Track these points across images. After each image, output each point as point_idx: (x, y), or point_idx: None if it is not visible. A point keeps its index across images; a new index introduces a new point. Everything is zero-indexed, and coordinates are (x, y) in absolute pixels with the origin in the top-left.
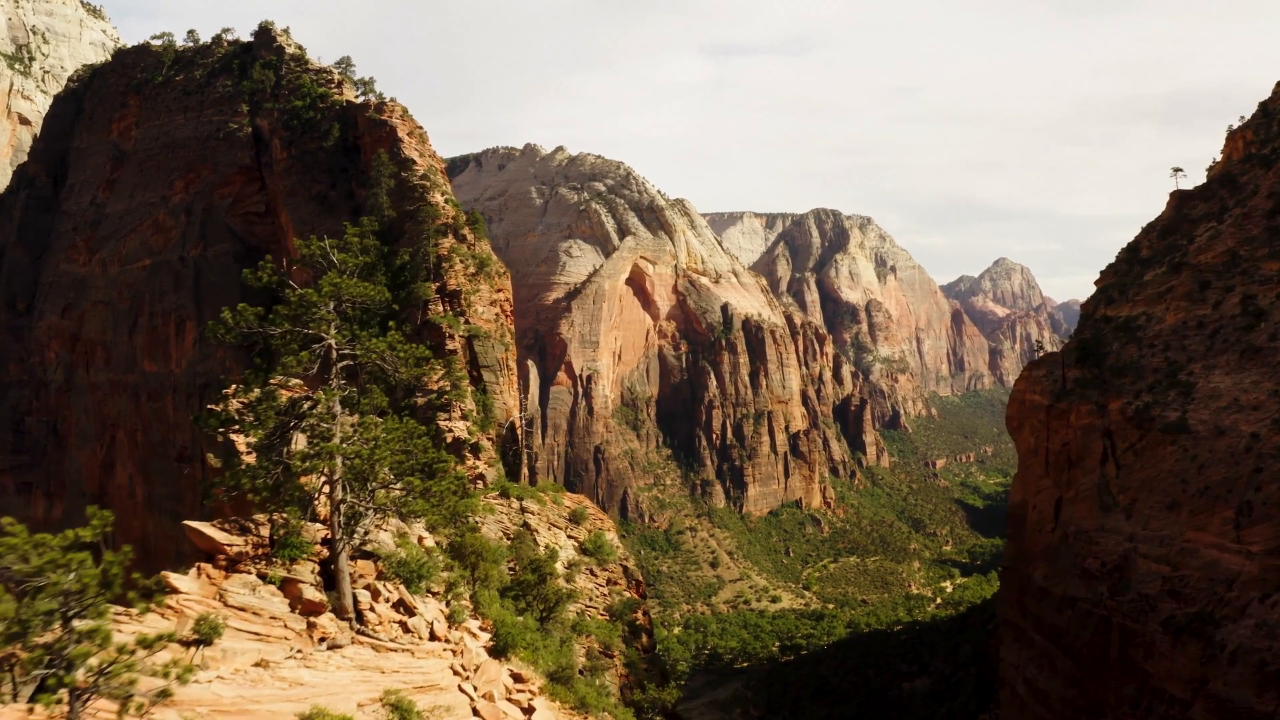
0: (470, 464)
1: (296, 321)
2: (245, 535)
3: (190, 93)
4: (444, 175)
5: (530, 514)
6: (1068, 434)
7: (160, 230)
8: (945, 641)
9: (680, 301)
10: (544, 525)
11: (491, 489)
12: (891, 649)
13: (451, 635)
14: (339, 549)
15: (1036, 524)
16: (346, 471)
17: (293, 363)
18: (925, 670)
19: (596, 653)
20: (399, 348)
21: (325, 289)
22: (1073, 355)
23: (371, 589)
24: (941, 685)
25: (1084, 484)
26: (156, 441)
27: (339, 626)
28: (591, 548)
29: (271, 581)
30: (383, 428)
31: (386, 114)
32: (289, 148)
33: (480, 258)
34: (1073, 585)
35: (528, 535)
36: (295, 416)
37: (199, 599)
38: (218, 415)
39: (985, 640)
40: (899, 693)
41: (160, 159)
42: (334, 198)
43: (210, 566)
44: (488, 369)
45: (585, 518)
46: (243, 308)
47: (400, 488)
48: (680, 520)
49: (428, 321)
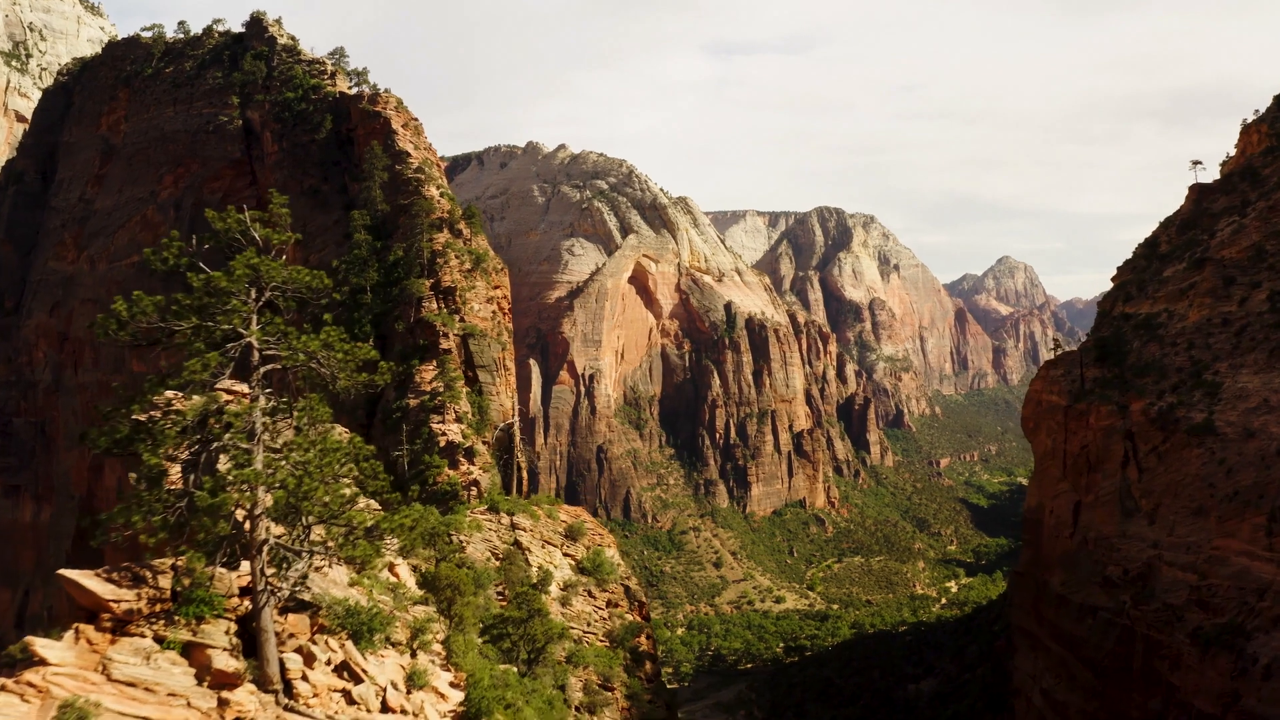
0: (464, 469)
1: (203, 314)
2: (138, 587)
3: (180, 85)
4: (439, 168)
5: (522, 531)
6: (1087, 436)
7: (149, 226)
8: (951, 643)
9: (683, 300)
10: (537, 543)
11: (482, 502)
12: (897, 650)
13: (410, 702)
14: (262, 602)
15: (1054, 529)
16: (272, 505)
17: (197, 366)
18: (931, 672)
19: (595, 686)
20: (337, 347)
21: (239, 271)
22: (1091, 354)
23: (305, 651)
24: (948, 687)
25: (1104, 488)
26: None
27: (261, 702)
28: (590, 566)
29: (171, 646)
30: (319, 449)
31: (380, 105)
32: (280, 140)
33: (476, 253)
34: (1093, 593)
35: (518, 555)
36: (205, 435)
37: (73, 672)
38: (109, 432)
39: (992, 642)
40: (905, 695)
41: (149, 153)
42: (326, 192)
43: (91, 628)
44: (483, 369)
45: (583, 533)
46: (138, 296)
47: (343, 524)
48: (683, 520)
49: (421, 319)
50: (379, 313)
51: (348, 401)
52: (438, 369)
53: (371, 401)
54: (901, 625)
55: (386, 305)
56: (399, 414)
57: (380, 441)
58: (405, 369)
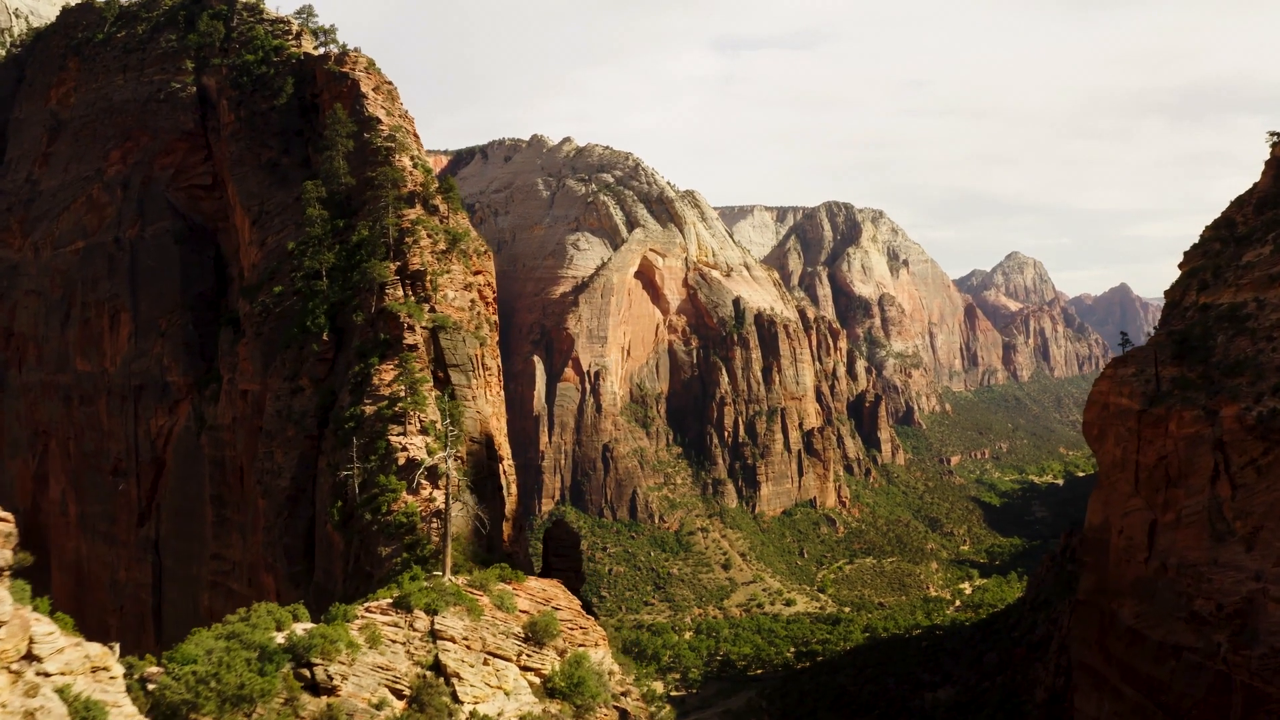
0: (425, 495)
1: None
2: None
3: (131, 50)
4: (416, 138)
5: (449, 643)
6: (1166, 445)
7: (95, 208)
8: (968, 649)
9: (691, 295)
10: (474, 659)
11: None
12: (912, 656)
13: None
14: None
15: (1124, 551)
16: None
17: None
18: (948, 680)
19: None
20: None
21: None
22: (1168, 350)
23: None
24: (966, 696)
25: (1188, 506)
26: (89, 452)
27: None
28: (565, 686)
29: None
30: None
31: (348, 65)
32: (237, 109)
33: (454, 232)
34: (1177, 630)
35: (439, 689)
36: None
37: None
38: None
39: (1011, 649)
40: (921, 704)
41: (96, 127)
42: (287, 165)
43: None
44: (457, 368)
45: (553, 632)
46: None
47: None
48: (691, 521)
49: (384, 309)
50: (336, 302)
51: (296, 409)
52: (399, 368)
53: (324, 408)
54: (915, 629)
55: (346, 293)
56: (352, 424)
57: (332, 457)
58: (363, 368)
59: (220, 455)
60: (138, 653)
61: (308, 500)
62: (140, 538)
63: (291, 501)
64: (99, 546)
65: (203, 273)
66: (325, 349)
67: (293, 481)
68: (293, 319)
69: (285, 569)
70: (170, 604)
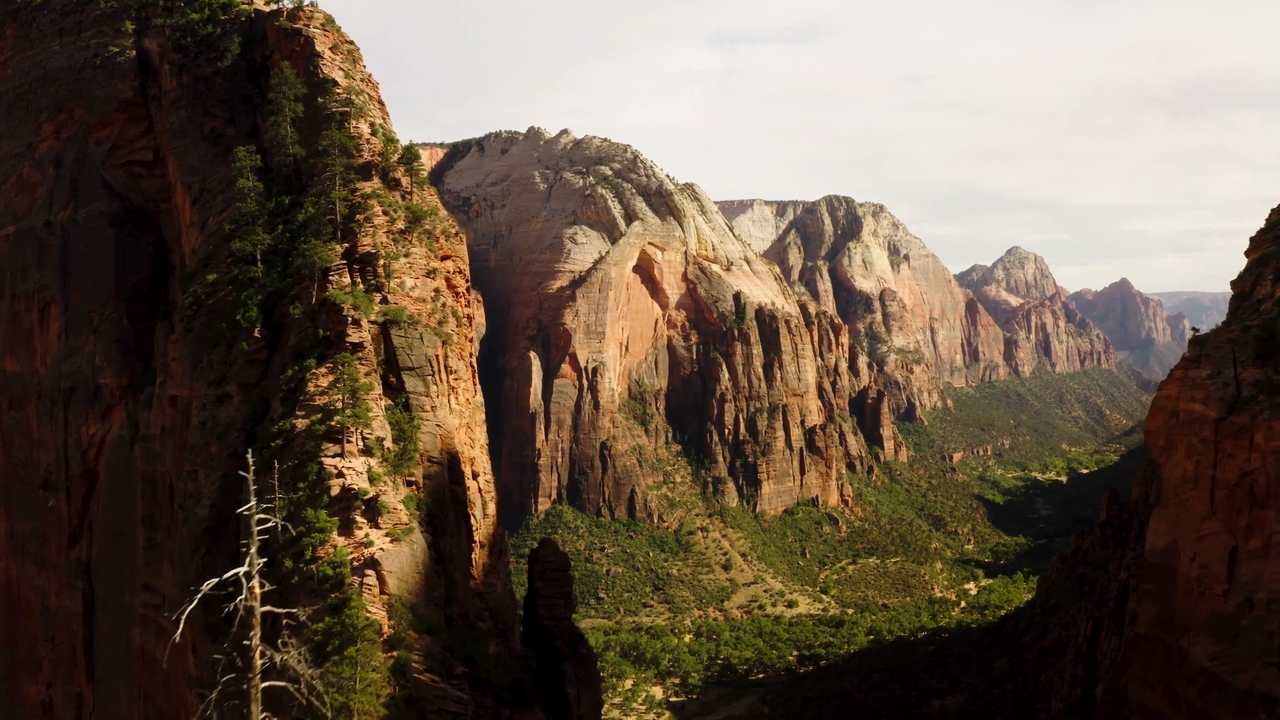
0: (360, 536)
1: None
2: None
3: (69, 13)
4: (379, 104)
5: None
6: (1251, 459)
7: (25, 189)
8: (977, 654)
9: (690, 290)
10: None
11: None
12: (918, 661)
13: None
14: None
15: (1197, 582)
16: None
17: None
18: (957, 686)
19: None
20: None
21: None
22: (1248, 349)
23: None
24: (976, 704)
25: (1279, 532)
26: (19, 462)
27: None
28: None
29: None
30: None
31: (302, 22)
32: (180, 73)
33: (416, 210)
34: (1268, 678)
35: None
36: None
37: None
38: None
39: (1021, 655)
40: (929, 711)
41: (29, 98)
42: (232, 136)
43: None
44: (412, 372)
45: None
46: None
47: None
48: (691, 520)
49: (326, 300)
50: (274, 292)
51: (221, 421)
52: (336, 372)
53: (253, 420)
54: (921, 631)
55: (285, 281)
56: (280, 441)
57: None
58: (297, 372)
59: (152, 470)
60: (69, 689)
61: (230, 534)
62: (71, 561)
63: (210, 535)
64: (29, 568)
65: (140, 260)
66: (257, 348)
67: (212, 510)
68: (223, 313)
69: (201, 619)
70: (103, 637)
